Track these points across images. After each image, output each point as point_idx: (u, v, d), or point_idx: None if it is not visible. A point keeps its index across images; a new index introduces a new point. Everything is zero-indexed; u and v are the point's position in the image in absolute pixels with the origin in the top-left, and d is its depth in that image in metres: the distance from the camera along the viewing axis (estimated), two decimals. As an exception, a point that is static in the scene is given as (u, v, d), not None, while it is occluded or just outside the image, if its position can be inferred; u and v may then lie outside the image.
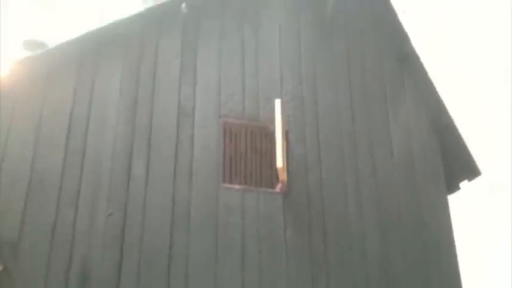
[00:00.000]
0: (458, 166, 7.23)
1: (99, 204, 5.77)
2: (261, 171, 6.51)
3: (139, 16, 6.57)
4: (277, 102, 6.39)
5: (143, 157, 6.08)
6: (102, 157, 5.99)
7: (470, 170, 7.20)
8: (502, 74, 15.69)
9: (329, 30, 7.42)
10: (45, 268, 5.37)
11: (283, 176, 6.23)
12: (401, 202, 6.81)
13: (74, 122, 6.06)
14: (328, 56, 7.30)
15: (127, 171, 5.98)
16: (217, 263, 5.86)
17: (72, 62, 6.24)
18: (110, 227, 5.69)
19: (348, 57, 7.38)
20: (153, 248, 5.73)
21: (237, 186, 6.29)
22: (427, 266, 6.59)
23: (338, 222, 6.49)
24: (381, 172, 6.88)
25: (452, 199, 7.38)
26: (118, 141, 6.09)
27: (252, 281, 5.90)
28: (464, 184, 7.39)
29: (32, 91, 6.02)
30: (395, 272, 6.42)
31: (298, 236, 6.27)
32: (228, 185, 6.26)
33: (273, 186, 6.42)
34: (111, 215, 5.73)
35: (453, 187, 7.30)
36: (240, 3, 7.17)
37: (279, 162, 6.12)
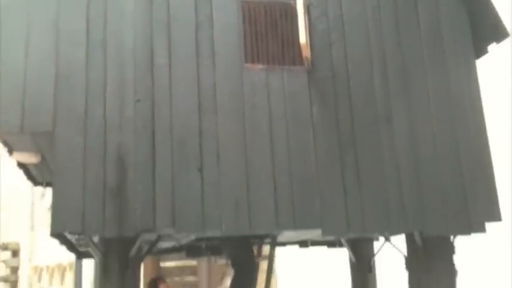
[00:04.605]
0: (486, 29, 7.00)
1: (126, 93, 5.84)
2: (283, 50, 6.43)
3: None
4: (296, -24, 6.16)
5: (164, 42, 6.04)
6: (124, 48, 5.96)
7: (498, 32, 6.94)
8: None
9: None
10: (81, 156, 5.57)
11: (306, 52, 6.15)
12: (428, 69, 6.71)
13: (92, 14, 5.99)
14: None
15: (149, 59, 5.98)
16: (246, 141, 5.99)
17: None
18: (139, 113, 5.80)
19: None
20: (183, 130, 5.87)
21: (260, 66, 6.26)
22: (454, 130, 6.61)
23: (364, 95, 6.47)
24: (406, 42, 6.73)
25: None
26: (137, 29, 6.03)
27: (281, 156, 6.05)
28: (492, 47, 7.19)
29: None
30: (422, 141, 6.47)
31: (325, 112, 6.30)
32: (251, 65, 6.23)
33: (296, 64, 6.36)
34: (138, 101, 5.83)
35: (481, 51, 7.11)
36: None
37: (302, 38, 6.03)
